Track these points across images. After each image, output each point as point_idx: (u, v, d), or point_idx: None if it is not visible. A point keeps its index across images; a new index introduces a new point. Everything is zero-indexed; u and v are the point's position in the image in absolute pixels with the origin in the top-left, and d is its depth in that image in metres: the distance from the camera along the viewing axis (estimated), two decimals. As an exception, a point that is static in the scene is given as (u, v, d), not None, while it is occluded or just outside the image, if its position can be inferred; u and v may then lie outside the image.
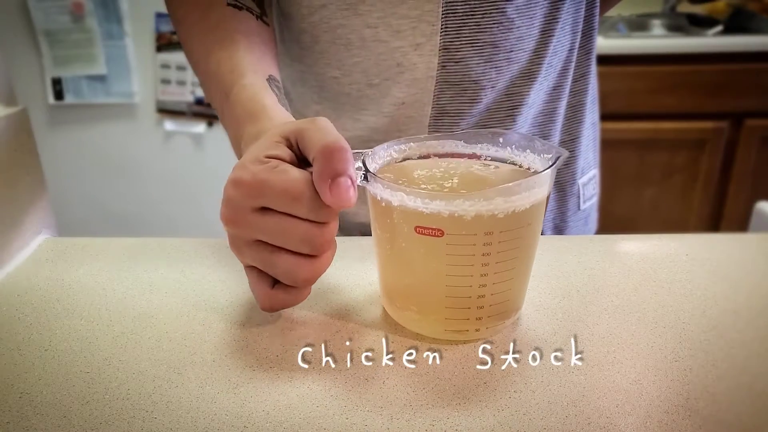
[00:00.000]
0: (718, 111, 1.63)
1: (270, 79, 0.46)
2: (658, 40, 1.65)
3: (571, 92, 0.59)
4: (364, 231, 0.60)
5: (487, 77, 0.52)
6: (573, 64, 0.58)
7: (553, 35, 0.54)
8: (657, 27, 1.81)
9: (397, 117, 0.54)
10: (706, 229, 1.75)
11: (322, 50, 0.53)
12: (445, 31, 0.50)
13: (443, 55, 0.51)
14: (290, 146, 0.35)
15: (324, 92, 0.56)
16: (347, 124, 0.56)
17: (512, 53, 0.52)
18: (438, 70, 0.51)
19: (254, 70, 0.45)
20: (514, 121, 0.55)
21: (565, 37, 0.55)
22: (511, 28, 0.51)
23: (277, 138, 0.35)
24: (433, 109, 0.53)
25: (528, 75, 0.54)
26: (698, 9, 1.85)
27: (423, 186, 0.38)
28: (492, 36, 0.50)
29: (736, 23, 1.71)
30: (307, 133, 0.34)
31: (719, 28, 1.68)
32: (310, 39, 0.53)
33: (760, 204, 0.73)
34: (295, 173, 0.33)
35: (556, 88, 0.57)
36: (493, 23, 0.50)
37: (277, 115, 0.40)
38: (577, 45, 0.57)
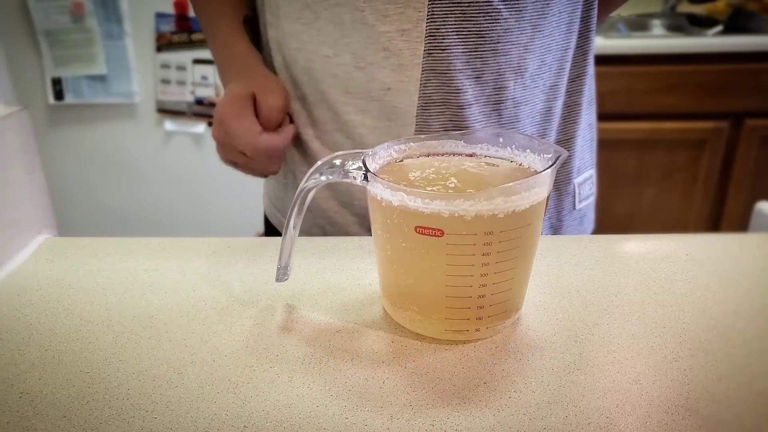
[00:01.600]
0: (718, 111, 1.63)
1: (245, 20, 0.62)
2: (658, 40, 1.65)
3: (566, 92, 0.59)
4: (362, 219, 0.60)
5: (471, 67, 0.52)
6: (569, 64, 0.58)
7: (544, 31, 0.54)
8: (657, 27, 1.81)
9: (385, 105, 0.54)
10: (706, 229, 1.75)
11: (320, 27, 0.54)
12: (431, 18, 0.50)
13: (429, 43, 0.51)
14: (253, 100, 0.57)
15: (313, 72, 0.56)
16: (337, 107, 0.56)
17: (499, 45, 0.52)
18: (424, 57, 0.52)
19: (233, 12, 0.62)
20: (500, 116, 0.55)
21: (560, 35, 0.55)
22: (498, 20, 0.51)
23: (245, 94, 0.57)
24: (420, 99, 0.53)
25: (517, 70, 0.54)
26: (698, 9, 1.85)
27: (429, 188, 0.38)
28: (478, 25, 0.51)
29: (735, 23, 1.71)
30: (257, 97, 0.57)
31: (719, 28, 1.68)
32: (311, 15, 0.54)
33: (760, 204, 0.73)
34: (248, 137, 0.57)
35: (553, 87, 0.57)
36: (479, 12, 0.50)
37: (246, 63, 0.60)
38: (573, 45, 0.57)
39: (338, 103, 0.56)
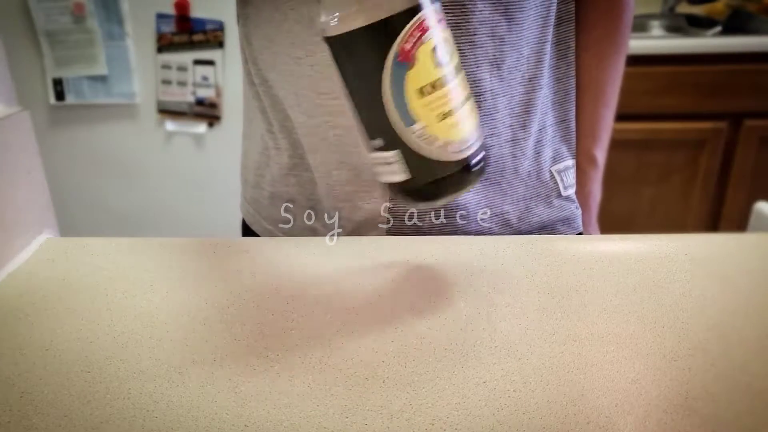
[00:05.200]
0: (717, 111, 1.63)
1: None
2: (657, 41, 1.65)
3: (547, 84, 0.59)
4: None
5: None
6: (548, 56, 0.58)
7: (522, 24, 0.53)
8: (656, 28, 1.81)
9: None
10: (705, 229, 1.75)
11: (289, 29, 0.54)
12: None
13: None
14: None
15: (287, 75, 0.56)
16: (310, 110, 0.56)
17: (475, 37, 0.52)
18: None
19: None
20: (479, 108, 0.55)
21: (537, 28, 0.55)
22: (474, 11, 0.51)
23: None
24: None
25: (493, 62, 0.54)
26: (697, 10, 1.85)
27: None
28: (454, 18, 0.51)
29: (734, 24, 1.71)
30: None
31: (718, 28, 1.68)
32: (280, 17, 0.54)
33: (759, 204, 0.74)
34: None
35: (532, 80, 0.57)
36: (455, 5, 0.50)
37: None
38: (550, 38, 0.57)
39: (312, 106, 0.56)
